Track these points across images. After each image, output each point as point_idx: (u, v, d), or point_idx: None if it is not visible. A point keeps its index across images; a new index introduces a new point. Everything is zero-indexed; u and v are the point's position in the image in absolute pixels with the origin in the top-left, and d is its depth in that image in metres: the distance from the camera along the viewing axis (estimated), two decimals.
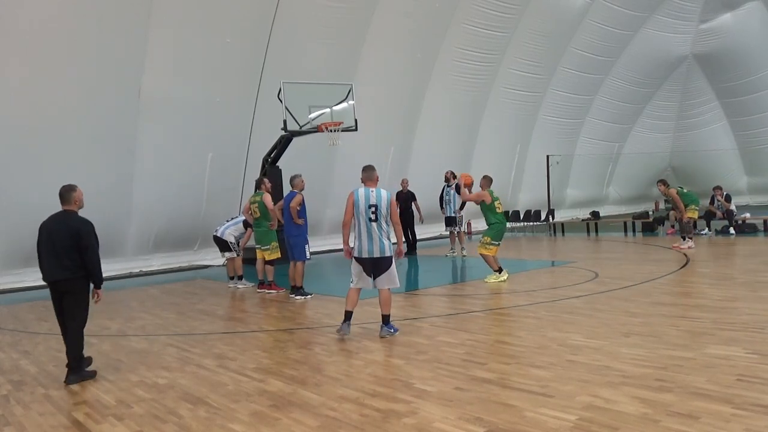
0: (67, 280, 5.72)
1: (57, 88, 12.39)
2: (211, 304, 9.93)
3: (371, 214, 6.57)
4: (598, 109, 25.14)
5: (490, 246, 10.08)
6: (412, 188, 15.54)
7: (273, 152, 14.42)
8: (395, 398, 4.58)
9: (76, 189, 6.14)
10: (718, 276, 9.66)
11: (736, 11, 24.42)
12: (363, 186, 6.78)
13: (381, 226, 6.61)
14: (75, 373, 5.66)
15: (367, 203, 6.60)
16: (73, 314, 5.85)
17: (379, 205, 6.59)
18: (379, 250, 6.61)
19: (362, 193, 6.67)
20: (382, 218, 6.60)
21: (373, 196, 6.62)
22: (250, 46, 14.61)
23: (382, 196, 6.64)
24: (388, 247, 6.64)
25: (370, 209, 6.58)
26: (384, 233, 6.62)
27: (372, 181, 6.78)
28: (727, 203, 16.28)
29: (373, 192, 6.66)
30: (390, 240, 6.67)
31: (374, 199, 6.60)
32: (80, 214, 6.16)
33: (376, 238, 6.59)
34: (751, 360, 4.95)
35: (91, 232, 5.82)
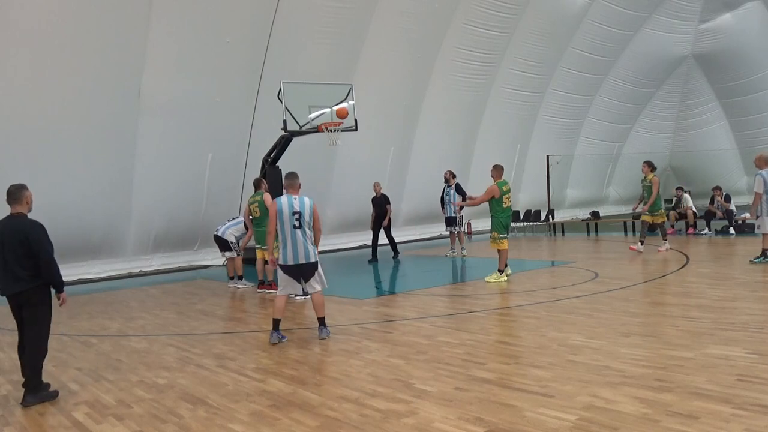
0: (23, 292, 5.23)
1: (57, 88, 12.40)
2: (211, 304, 9.93)
3: (295, 221, 6.67)
4: (598, 109, 25.14)
5: (501, 240, 10.10)
6: (412, 188, 15.56)
7: (273, 152, 14.41)
8: (395, 398, 4.58)
9: (27, 188, 5.60)
10: (718, 276, 9.65)
11: (736, 11, 24.42)
12: (286, 194, 6.88)
13: (305, 233, 6.70)
14: (32, 393, 5.13)
15: (290, 211, 6.69)
16: (34, 327, 5.29)
17: (303, 212, 6.69)
18: (304, 256, 6.70)
19: (285, 201, 6.75)
20: (305, 225, 6.70)
21: (296, 204, 6.72)
22: (250, 46, 14.61)
23: (305, 203, 6.75)
24: (312, 253, 6.75)
25: (294, 216, 6.67)
26: (308, 239, 6.73)
27: (294, 188, 6.89)
28: (726, 203, 16.27)
29: (296, 199, 6.75)
30: (314, 245, 6.79)
31: (298, 207, 6.71)
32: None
33: (300, 245, 6.67)
34: (751, 360, 4.95)
35: (42, 235, 5.38)
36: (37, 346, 5.26)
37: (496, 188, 10.10)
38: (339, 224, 18.01)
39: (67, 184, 12.96)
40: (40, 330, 5.31)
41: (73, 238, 13.59)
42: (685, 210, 17.00)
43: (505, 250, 10.20)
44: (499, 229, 10.14)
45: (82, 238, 13.75)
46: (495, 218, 10.19)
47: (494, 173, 10.33)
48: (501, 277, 10.08)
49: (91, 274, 14.27)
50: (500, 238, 10.13)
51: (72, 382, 5.68)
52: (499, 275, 10.10)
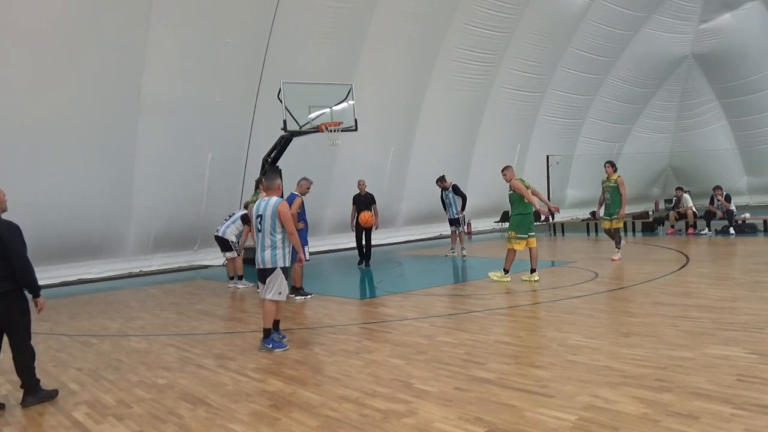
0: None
1: (57, 88, 12.40)
2: (211, 304, 9.93)
3: (258, 224, 6.50)
4: (598, 109, 25.13)
5: (518, 240, 9.80)
6: (412, 188, 15.50)
7: (273, 152, 14.40)
8: (395, 398, 4.58)
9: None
10: (718, 276, 9.65)
11: (736, 11, 24.40)
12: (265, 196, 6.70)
13: (265, 237, 6.43)
14: (31, 393, 5.10)
15: (255, 213, 6.55)
16: (13, 333, 5.08)
17: (264, 215, 6.43)
18: (261, 261, 6.49)
19: (256, 204, 6.63)
20: (266, 228, 6.41)
21: (261, 207, 6.50)
22: (250, 46, 14.61)
23: (268, 205, 6.44)
24: (269, 259, 6.42)
25: (257, 219, 6.51)
26: (267, 244, 6.42)
27: (271, 190, 6.62)
28: (726, 203, 16.27)
29: (264, 202, 6.51)
30: (275, 250, 6.42)
31: (261, 210, 6.48)
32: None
33: (259, 249, 6.51)
34: (751, 360, 4.95)
35: (16, 236, 5.14)
36: (21, 351, 5.12)
37: (518, 183, 9.78)
38: (338, 224, 17.99)
39: (67, 184, 12.96)
40: (21, 336, 5.11)
41: (73, 238, 13.60)
42: (685, 210, 17.01)
43: (513, 250, 9.92)
44: (520, 230, 9.80)
45: (82, 238, 13.75)
46: (521, 216, 9.80)
47: (511, 173, 10.01)
48: (505, 276, 9.96)
49: (91, 274, 14.27)
50: (517, 239, 9.82)
51: (72, 382, 5.68)
52: (503, 274, 9.98)
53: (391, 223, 19.02)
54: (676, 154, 29.35)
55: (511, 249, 9.97)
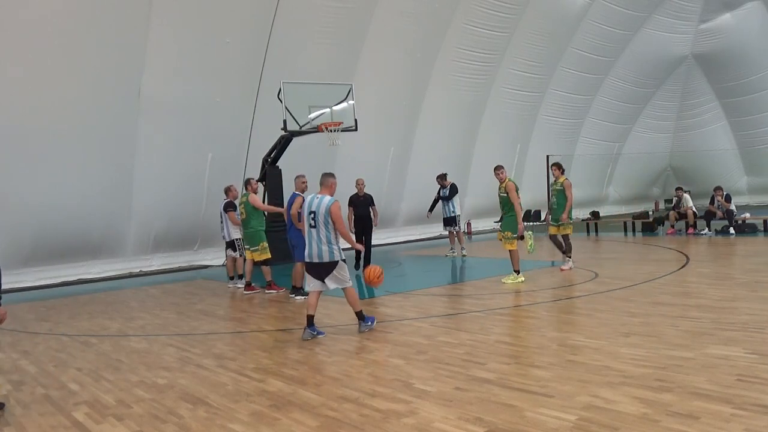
0: None
1: (57, 88, 12.40)
2: (211, 304, 9.93)
3: (311, 221, 6.80)
4: (598, 109, 25.13)
5: (513, 240, 9.87)
6: (412, 188, 15.49)
7: (273, 152, 14.42)
8: (395, 398, 4.58)
9: None
10: (718, 276, 9.65)
11: (736, 11, 24.41)
12: (315, 193, 7.01)
13: (319, 232, 6.76)
14: None
15: (308, 210, 6.86)
16: None
17: (318, 213, 6.76)
18: (318, 255, 6.78)
19: (308, 199, 6.95)
20: (320, 224, 6.74)
21: (314, 203, 6.83)
22: (250, 46, 14.61)
23: (321, 203, 6.79)
24: (327, 253, 6.76)
25: (310, 216, 6.81)
26: (323, 239, 6.76)
27: (326, 187, 6.98)
28: (727, 203, 16.26)
29: (317, 199, 6.85)
30: (331, 245, 6.77)
31: (315, 206, 6.81)
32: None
33: (315, 244, 6.79)
34: (751, 360, 4.95)
35: None
36: None
37: (512, 185, 9.87)
38: None
39: (67, 184, 12.97)
40: None
41: (73, 238, 13.60)
42: (685, 210, 17.00)
43: (516, 250, 9.96)
44: (510, 228, 9.88)
45: (82, 238, 13.76)
46: (513, 216, 9.86)
47: (503, 173, 10.06)
48: (518, 277, 9.90)
49: (91, 274, 14.27)
50: (513, 238, 9.87)
51: (72, 382, 5.68)
52: (516, 276, 9.93)
53: (391, 223, 19.02)
54: (676, 154, 29.35)
55: (512, 249, 9.96)
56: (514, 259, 9.99)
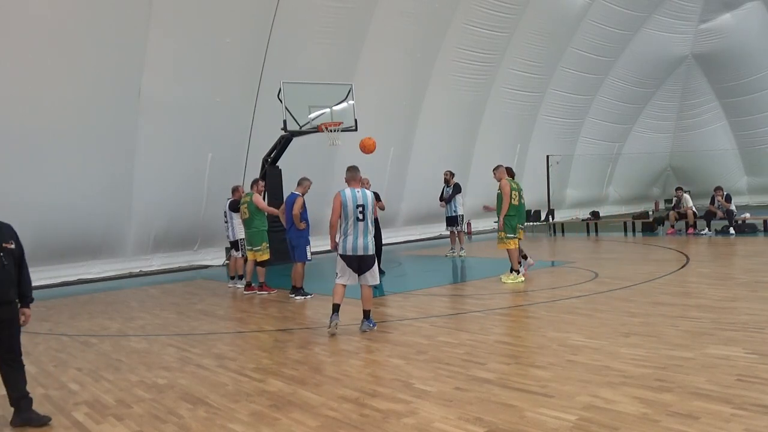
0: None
1: (57, 88, 12.40)
2: (211, 304, 9.93)
3: (359, 214, 6.83)
4: (598, 109, 25.13)
5: (508, 240, 9.93)
6: (412, 188, 15.48)
7: (273, 152, 14.42)
8: (395, 398, 4.58)
9: None
10: (718, 276, 9.65)
11: (736, 11, 24.41)
12: (348, 187, 7.05)
13: (367, 226, 6.87)
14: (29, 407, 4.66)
15: (354, 203, 6.87)
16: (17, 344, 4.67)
17: (366, 205, 6.87)
18: (363, 248, 6.86)
19: (349, 194, 6.93)
20: (368, 218, 6.87)
21: (359, 197, 6.91)
22: (250, 46, 14.61)
23: (368, 197, 6.95)
24: (372, 246, 6.92)
25: (358, 209, 6.85)
26: (369, 232, 6.90)
27: (356, 181, 7.09)
28: (727, 203, 16.26)
29: (359, 192, 6.95)
30: (372, 239, 6.96)
31: (361, 200, 6.89)
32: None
33: (361, 237, 6.84)
34: (751, 360, 4.95)
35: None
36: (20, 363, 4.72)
37: (506, 184, 9.93)
38: None
39: (67, 184, 12.96)
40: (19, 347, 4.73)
41: (73, 238, 13.59)
42: (685, 210, 17.00)
43: (514, 249, 10.00)
44: (507, 229, 9.94)
45: (82, 238, 13.75)
46: (508, 217, 9.93)
47: (499, 173, 10.13)
48: (518, 277, 9.92)
49: (91, 274, 14.27)
50: (507, 238, 9.95)
51: (72, 382, 5.68)
52: (516, 275, 9.95)
53: (391, 223, 19.01)
54: (676, 154, 29.36)
55: (510, 249, 9.99)
56: (512, 258, 10.01)
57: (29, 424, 4.51)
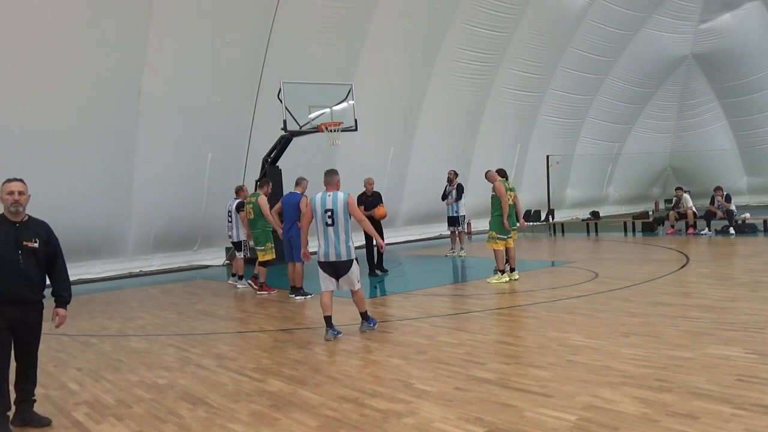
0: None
1: (57, 88, 12.40)
2: (211, 304, 9.93)
3: (328, 219, 6.67)
4: (598, 109, 25.13)
5: (497, 240, 9.98)
6: (412, 188, 15.44)
7: (273, 152, 14.42)
8: (395, 398, 4.58)
9: None
10: (718, 276, 9.65)
11: (736, 11, 24.41)
12: (323, 191, 6.87)
13: (338, 231, 6.66)
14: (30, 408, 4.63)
15: (323, 208, 6.72)
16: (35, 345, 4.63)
17: (335, 210, 6.66)
18: (336, 254, 6.68)
19: (319, 198, 6.79)
20: (339, 221, 6.65)
21: (329, 201, 6.70)
22: (249, 46, 14.61)
23: (338, 200, 6.69)
24: (345, 251, 6.69)
25: (326, 214, 6.68)
26: (341, 237, 6.67)
27: (332, 185, 6.86)
28: (727, 203, 16.26)
29: (330, 196, 6.73)
30: (348, 243, 6.72)
31: (330, 204, 6.69)
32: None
33: (333, 242, 6.67)
34: (751, 360, 4.95)
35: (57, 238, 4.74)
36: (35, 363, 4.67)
37: (500, 185, 9.97)
38: None
39: (67, 184, 12.96)
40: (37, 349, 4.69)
41: (73, 238, 13.54)
42: (685, 210, 17.00)
43: (500, 250, 10.04)
44: (501, 230, 9.97)
45: (82, 238, 13.74)
46: (501, 217, 9.99)
47: (490, 177, 10.19)
48: (502, 278, 9.97)
49: (91, 274, 14.27)
50: (498, 239, 9.99)
51: (72, 382, 5.68)
52: (500, 276, 10.00)
53: (391, 223, 19.00)
54: (676, 154, 29.36)
55: (496, 249, 10.04)
56: (497, 257, 10.07)
57: (29, 425, 4.51)
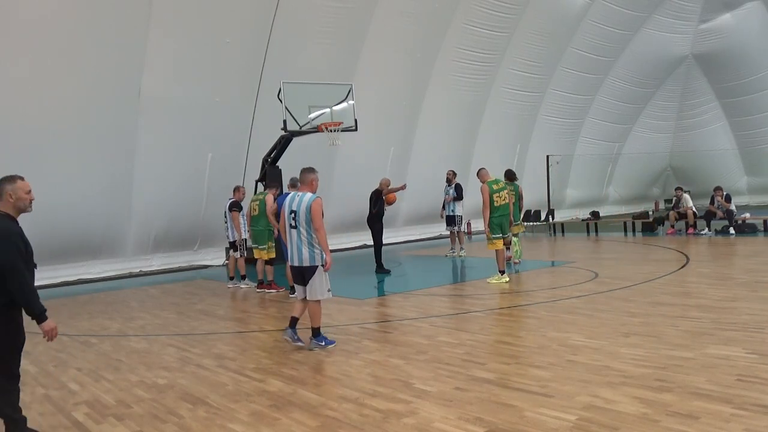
0: None
1: (57, 88, 12.40)
2: (211, 304, 9.93)
3: (291, 221, 6.23)
4: (598, 109, 25.14)
5: (494, 240, 10.07)
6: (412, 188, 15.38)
7: (273, 152, 14.42)
8: (395, 398, 4.58)
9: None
10: (718, 276, 9.65)
11: (736, 11, 24.41)
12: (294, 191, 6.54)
13: (300, 234, 6.18)
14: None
15: (288, 209, 6.29)
16: None
17: (298, 211, 6.17)
18: (299, 258, 6.22)
19: (288, 199, 6.41)
20: (301, 224, 6.16)
21: (295, 202, 6.25)
22: (250, 46, 14.61)
23: (303, 202, 6.18)
24: (308, 257, 6.17)
25: (291, 215, 6.25)
26: (304, 241, 6.17)
27: (305, 185, 6.40)
28: (727, 203, 16.27)
29: (297, 197, 6.28)
30: (313, 248, 6.18)
31: (295, 205, 6.23)
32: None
33: (296, 246, 6.23)
34: (751, 360, 4.95)
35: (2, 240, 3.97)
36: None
37: (485, 187, 10.07)
38: (339, 224, 18.00)
39: (67, 184, 12.96)
40: None
41: (73, 238, 13.59)
42: (685, 210, 17.00)
43: (501, 250, 10.15)
44: (494, 230, 10.08)
45: (82, 238, 13.76)
46: (491, 218, 10.09)
47: (480, 176, 10.32)
48: (503, 278, 10.01)
49: (91, 274, 14.27)
50: (493, 239, 10.08)
51: (72, 382, 5.68)
52: (500, 277, 10.04)
53: (391, 223, 19.01)
54: (676, 154, 29.36)
55: (497, 250, 10.12)
56: (498, 258, 10.15)
57: None
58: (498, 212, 10.11)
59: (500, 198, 10.12)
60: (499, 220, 10.13)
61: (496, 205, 10.08)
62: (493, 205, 10.06)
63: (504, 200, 10.18)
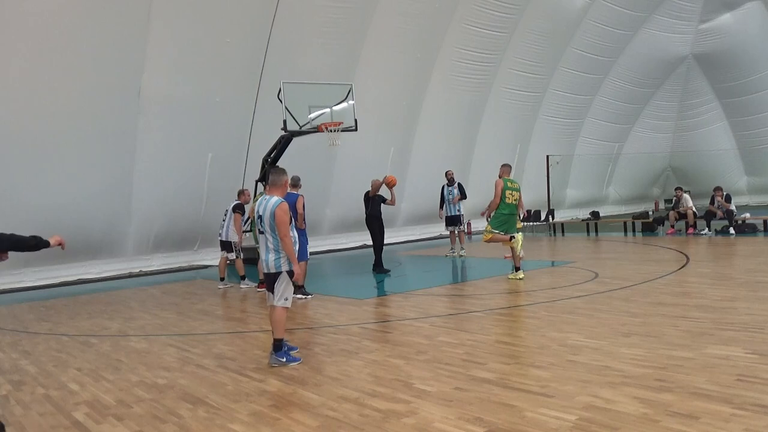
0: None
1: (57, 87, 12.40)
2: (211, 304, 9.93)
3: (260, 225, 5.92)
4: (598, 109, 25.14)
5: (489, 232, 10.21)
6: (412, 188, 15.43)
7: (273, 152, 14.40)
8: (395, 398, 4.58)
9: None
10: (718, 276, 9.65)
11: (735, 11, 24.42)
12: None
13: (266, 239, 5.86)
14: None
15: (256, 213, 6.00)
16: None
17: (263, 216, 5.84)
18: (265, 264, 5.91)
19: (258, 202, 6.09)
20: (266, 230, 5.84)
21: (262, 206, 5.89)
22: (250, 46, 14.61)
23: (268, 206, 5.82)
24: (273, 263, 5.84)
25: (258, 219, 5.95)
26: (270, 247, 5.85)
27: (275, 187, 6.04)
28: (727, 203, 16.27)
29: (264, 201, 5.93)
30: (278, 253, 5.84)
31: (261, 209, 5.90)
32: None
33: (263, 252, 5.92)
34: (751, 360, 4.95)
35: None
36: None
37: (500, 182, 10.16)
38: (339, 224, 18.03)
39: (67, 184, 12.96)
40: None
41: (73, 238, 13.53)
42: (685, 210, 17.01)
43: (510, 247, 10.25)
44: (495, 225, 10.16)
45: (82, 238, 13.75)
46: (497, 215, 10.18)
47: (501, 171, 10.42)
48: (518, 274, 10.16)
49: (91, 274, 14.27)
50: (490, 232, 10.20)
51: (72, 382, 5.68)
52: (515, 273, 10.19)
53: (391, 223, 19.02)
54: (676, 154, 29.37)
55: (510, 246, 10.19)
56: (514, 257, 10.26)
57: None
58: (507, 209, 10.19)
59: (512, 196, 10.21)
60: (506, 217, 10.19)
61: (507, 202, 10.17)
62: (504, 201, 10.14)
63: (515, 200, 10.27)
